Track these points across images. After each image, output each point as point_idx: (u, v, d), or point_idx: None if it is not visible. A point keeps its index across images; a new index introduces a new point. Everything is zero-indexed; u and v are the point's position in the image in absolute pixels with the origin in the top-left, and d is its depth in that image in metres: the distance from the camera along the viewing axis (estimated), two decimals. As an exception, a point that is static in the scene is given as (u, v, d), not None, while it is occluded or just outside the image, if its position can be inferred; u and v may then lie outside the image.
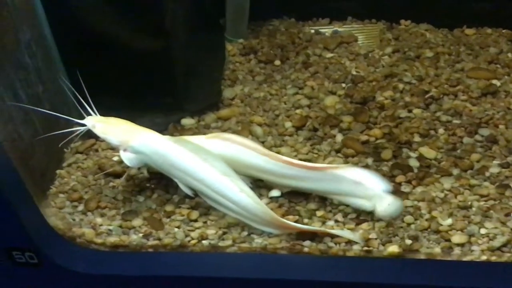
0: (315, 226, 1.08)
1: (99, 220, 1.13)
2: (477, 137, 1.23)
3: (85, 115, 1.12)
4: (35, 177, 1.14)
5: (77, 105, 1.11)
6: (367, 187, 1.07)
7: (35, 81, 1.14)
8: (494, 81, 1.36)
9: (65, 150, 1.28)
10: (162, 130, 1.29)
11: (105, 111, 1.23)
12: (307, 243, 1.07)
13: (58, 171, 1.24)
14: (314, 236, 1.08)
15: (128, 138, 1.09)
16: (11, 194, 0.94)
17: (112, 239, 1.11)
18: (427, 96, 1.33)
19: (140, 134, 1.09)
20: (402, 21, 1.58)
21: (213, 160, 1.06)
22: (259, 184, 1.19)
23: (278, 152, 1.23)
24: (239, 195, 1.06)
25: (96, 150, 1.29)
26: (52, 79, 1.21)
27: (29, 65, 1.12)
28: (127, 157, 1.09)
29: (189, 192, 1.10)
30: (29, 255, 1.04)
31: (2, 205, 0.94)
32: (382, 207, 1.07)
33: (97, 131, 1.10)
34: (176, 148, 1.06)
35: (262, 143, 1.26)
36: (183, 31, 1.28)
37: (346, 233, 1.06)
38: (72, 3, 1.16)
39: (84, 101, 1.10)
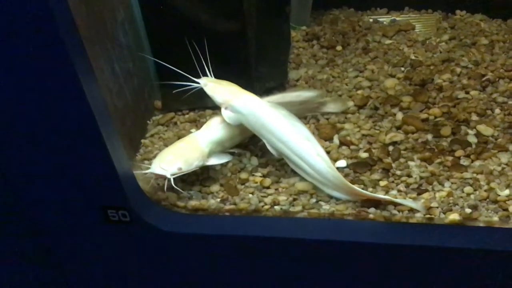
0: (380, 195, 1.17)
1: (180, 185, 1.24)
2: (533, 116, 1.30)
3: (201, 75, 1.26)
4: (125, 144, 1.26)
5: (196, 66, 1.26)
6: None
7: (127, 57, 1.26)
8: (548, 66, 1.42)
9: (147, 122, 1.40)
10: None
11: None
12: (371, 210, 1.15)
13: (142, 141, 1.36)
14: (378, 204, 1.16)
15: (230, 98, 1.21)
16: (114, 156, 1.06)
17: (193, 203, 1.22)
18: (483, 79, 1.40)
19: (242, 96, 1.21)
20: (458, 12, 1.65)
21: (300, 127, 1.16)
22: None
23: (341, 128, 1.34)
24: (315, 158, 1.15)
25: (175, 123, 1.40)
26: (140, 56, 1.33)
27: (123, 42, 1.24)
28: (227, 115, 1.22)
29: (274, 153, 1.20)
30: (122, 213, 1.15)
31: (107, 166, 1.05)
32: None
33: (207, 89, 1.24)
34: (270, 111, 1.17)
35: (327, 119, 1.37)
36: (256, 16, 1.39)
37: (409, 202, 1.14)
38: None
39: (196, 64, 1.26)
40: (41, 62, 0.90)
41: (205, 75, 1.27)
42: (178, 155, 1.19)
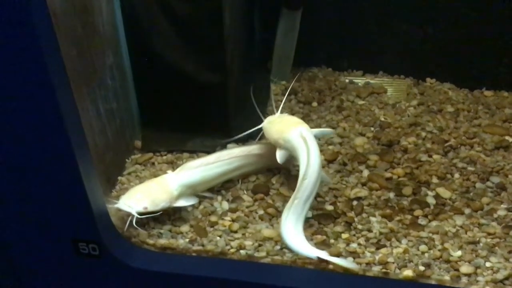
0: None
1: (152, 223, 1.30)
2: (488, 183, 1.38)
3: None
4: (102, 180, 1.32)
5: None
6: None
7: (112, 99, 1.34)
8: (507, 137, 1.51)
9: (126, 160, 1.47)
10: (210, 152, 1.47)
11: (164, 130, 1.46)
12: (332, 261, 1.22)
13: (119, 178, 1.42)
14: (338, 255, 1.22)
15: (278, 137, 1.29)
16: (89, 191, 1.11)
17: (162, 241, 1.27)
18: (446, 144, 1.49)
19: (284, 133, 1.28)
20: (428, 79, 1.75)
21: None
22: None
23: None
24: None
25: (153, 163, 1.47)
26: (124, 98, 1.41)
27: (109, 85, 1.31)
28: (277, 155, 1.30)
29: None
30: (92, 247, 1.20)
31: (81, 200, 1.10)
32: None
33: (264, 128, 1.36)
34: (300, 144, 1.25)
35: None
36: (238, 70, 1.48)
37: (343, 262, 1.18)
38: (150, 38, 1.36)
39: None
40: (27, 100, 0.97)
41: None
42: (146, 195, 1.24)
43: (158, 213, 1.27)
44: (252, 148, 1.40)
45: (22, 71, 0.94)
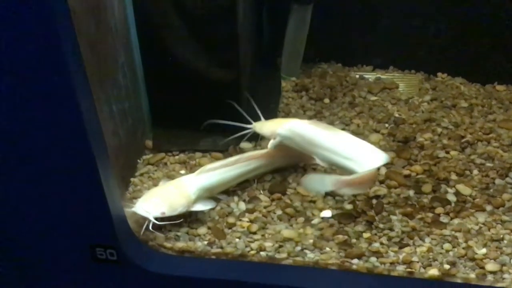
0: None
1: (168, 226, 1.25)
2: (508, 179, 1.37)
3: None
4: (117, 182, 1.27)
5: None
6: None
7: (124, 97, 1.29)
8: (523, 133, 1.51)
9: (138, 160, 1.43)
10: (223, 151, 1.45)
11: (176, 129, 1.43)
12: (355, 261, 1.19)
13: (132, 179, 1.38)
14: (361, 255, 1.21)
15: (276, 128, 1.31)
16: (109, 196, 1.07)
17: (180, 245, 1.23)
18: (463, 140, 1.47)
19: (286, 123, 1.32)
20: (439, 74, 1.74)
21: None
22: (311, 205, 1.33)
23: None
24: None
25: (165, 164, 1.43)
26: (135, 97, 1.37)
27: (121, 84, 1.27)
28: (272, 143, 1.33)
29: (325, 165, 1.31)
30: (110, 252, 1.16)
31: (101, 205, 1.07)
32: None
33: (256, 129, 1.36)
34: (311, 127, 1.29)
35: (314, 169, 1.41)
36: (250, 68, 1.45)
37: None
38: (161, 36, 1.33)
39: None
40: (47, 101, 0.93)
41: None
42: (164, 199, 1.21)
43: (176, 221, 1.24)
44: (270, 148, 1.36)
45: (41, 71, 0.90)
